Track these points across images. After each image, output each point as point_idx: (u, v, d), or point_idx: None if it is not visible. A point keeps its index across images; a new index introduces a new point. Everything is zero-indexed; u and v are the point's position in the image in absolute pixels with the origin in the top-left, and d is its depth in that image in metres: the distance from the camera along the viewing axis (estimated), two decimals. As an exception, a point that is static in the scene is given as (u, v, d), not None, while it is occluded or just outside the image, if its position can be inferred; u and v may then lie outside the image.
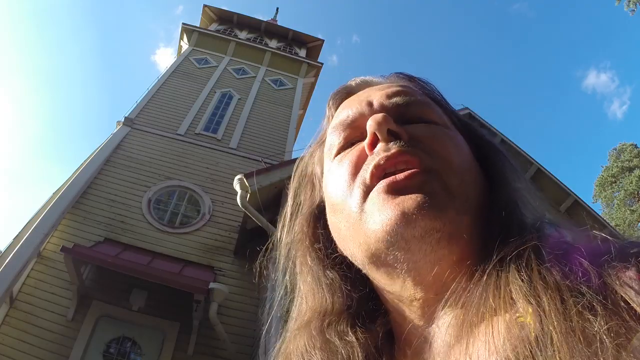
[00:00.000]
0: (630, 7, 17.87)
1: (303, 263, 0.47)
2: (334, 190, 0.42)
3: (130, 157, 8.25)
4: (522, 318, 0.29)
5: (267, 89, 11.77)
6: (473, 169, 0.40)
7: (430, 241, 0.34)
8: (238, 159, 9.00)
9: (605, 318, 0.26)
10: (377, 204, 0.36)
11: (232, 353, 5.98)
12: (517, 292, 0.31)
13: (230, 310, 6.30)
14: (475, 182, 0.39)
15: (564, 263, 0.31)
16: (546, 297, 0.29)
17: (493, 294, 0.32)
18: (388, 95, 0.44)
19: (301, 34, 14.87)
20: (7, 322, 5.67)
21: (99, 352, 5.84)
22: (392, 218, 0.35)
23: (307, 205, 0.50)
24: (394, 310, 0.41)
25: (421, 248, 0.35)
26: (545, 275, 0.30)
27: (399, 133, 0.39)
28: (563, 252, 0.32)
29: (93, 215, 7.12)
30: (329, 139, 0.47)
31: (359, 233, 0.38)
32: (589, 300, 0.27)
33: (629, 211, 23.57)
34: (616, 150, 26.62)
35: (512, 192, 0.41)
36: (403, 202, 0.35)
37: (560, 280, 0.29)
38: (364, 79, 0.51)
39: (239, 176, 5.22)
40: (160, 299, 6.09)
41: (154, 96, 10.01)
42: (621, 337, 0.25)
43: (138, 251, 6.68)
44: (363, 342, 0.40)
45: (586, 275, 0.29)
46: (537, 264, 0.31)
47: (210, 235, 7.42)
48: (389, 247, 0.36)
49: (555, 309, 0.28)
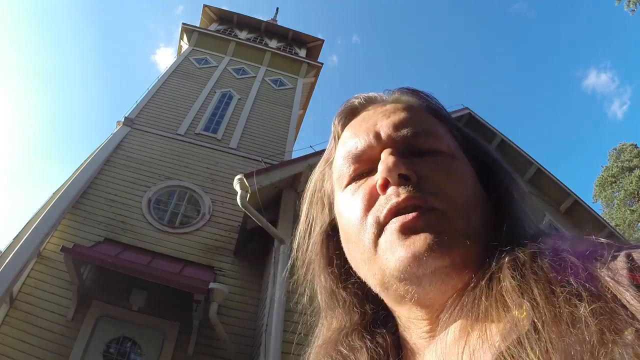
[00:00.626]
0: (630, 7, 17.87)
1: (319, 284, 0.51)
2: (348, 223, 0.44)
3: (130, 157, 8.25)
4: (516, 313, 0.32)
5: (267, 89, 11.77)
6: (479, 199, 0.42)
7: (441, 276, 0.38)
8: (238, 159, 9.00)
9: (590, 302, 0.29)
10: (390, 243, 0.39)
11: (232, 353, 5.98)
12: (508, 290, 0.33)
13: (230, 310, 6.30)
14: (482, 211, 0.42)
15: (555, 261, 0.33)
16: (537, 289, 0.31)
17: (486, 296, 0.34)
18: (395, 125, 0.46)
19: (301, 34, 14.87)
20: (7, 322, 5.67)
21: (99, 352, 5.84)
22: (404, 259, 0.38)
23: (319, 223, 0.52)
24: (402, 324, 0.44)
25: (432, 282, 0.38)
26: (537, 271, 0.33)
27: (409, 176, 0.41)
28: (555, 252, 0.34)
29: (93, 215, 7.12)
30: (338, 167, 0.48)
31: (373, 266, 0.41)
32: (575, 288, 0.30)
33: (629, 211, 23.58)
34: (616, 150, 26.63)
35: (518, 212, 0.43)
36: (414, 244, 0.38)
37: (552, 275, 0.32)
38: (368, 97, 0.52)
39: (239, 176, 5.22)
40: (160, 299, 6.09)
41: (154, 96, 10.00)
42: (604, 316, 0.28)
43: (138, 251, 6.68)
44: (370, 347, 0.44)
45: (574, 269, 0.31)
46: (530, 263, 0.34)
47: (210, 235, 7.42)
48: (402, 282, 0.39)
49: (546, 298, 0.30)
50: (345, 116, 0.52)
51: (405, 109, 0.48)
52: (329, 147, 0.55)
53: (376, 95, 0.53)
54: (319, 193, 0.54)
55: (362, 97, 0.52)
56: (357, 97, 0.53)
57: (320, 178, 0.54)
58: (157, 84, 10.46)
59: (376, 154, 0.44)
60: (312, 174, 0.57)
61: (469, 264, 0.38)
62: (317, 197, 0.54)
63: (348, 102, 0.53)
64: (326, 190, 0.52)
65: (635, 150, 25.67)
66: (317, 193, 0.54)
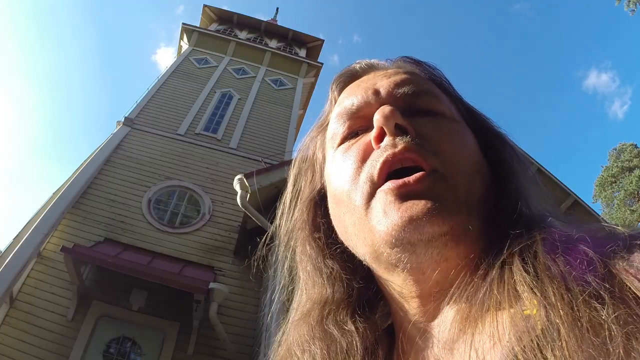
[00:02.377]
0: (630, 7, 17.88)
1: (303, 252, 0.46)
2: (338, 181, 0.41)
3: (130, 157, 8.25)
4: (527, 311, 0.29)
5: (267, 89, 11.77)
6: (480, 166, 0.39)
7: (438, 244, 0.34)
8: (238, 159, 9.00)
9: (613, 307, 0.26)
10: (385, 205, 0.36)
11: (232, 353, 5.98)
12: (522, 284, 0.30)
13: (230, 310, 6.30)
14: (482, 180, 0.39)
15: (570, 253, 0.30)
16: (552, 288, 0.28)
17: (497, 287, 0.31)
18: (396, 83, 0.43)
19: (301, 34, 14.87)
20: (7, 322, 5.67)
21: (99, 352, 5.84)
22: (399, 222, 0.35)
23: (308, 191, 0.48)
24: (394, 303, 0.41)
25: (427, 251, 0.35)
26: (550, 266, 0.30)
27: (407, 128, 0.38)
28: (569, 243, 0.31)
29: (93, 215, 7.12)
30: (332, 126, 0.45)
31: (364, 230, 0.38)
32: (595, 289, 0.27)
33: (629, 211, 23.58)
34: (616, 150, 26.63)
35: (519, 186, 0.40)
36: (411, 208, 0.35)
37: (566, 270, 0.29)
38: (370, 63, 0.49)
39: (239, 176, 5.23)
40: (160, 299, 6.09)
41: (154, 96, 10.01)
42: (630, 325, 0.25)
43: (138, 251, 6.68)
44: (362, 332, 0.40)
45: (592, 265, 0.28)
46: (543, 255, 0.31)
47: (210, 235, 7.42)
48: (394, 249, 0.35)
49: (561, 298, 0.27)
50: (345, 80, 0.49)
51: (408, 72, 0.45)
52: (323, 113, 0.51)
53: (379, 62, 0.49)
54: (308, 161, 0.50)
55: (364, 63, 0.49)
56: (359, 62, 0.50)
57: (312, 145, 0.51)
58: (157, 84, 10.46)
59: (373, 111, 0.40)
60: (301, 141, 0.53)
61: (467, 238, 0.35)
62: (306, 165, 0.51)
63: (349, 67, 0.50)
64: (317, 157, 0.49)
65: (635, 150, 25.68)
66: (306, 161, 0.51)
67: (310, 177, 0.49)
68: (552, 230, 0.33)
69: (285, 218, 0.50)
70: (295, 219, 0.48)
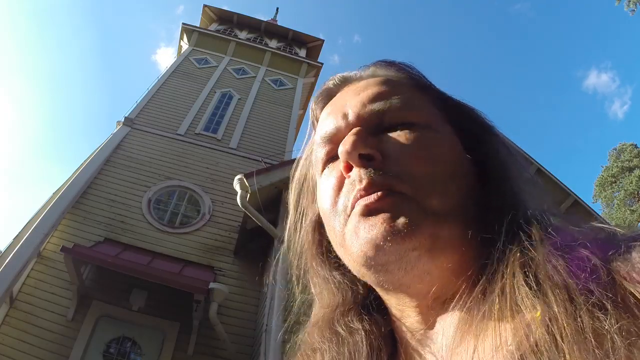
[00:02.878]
0: (630, 7, 17.88)
1: (311, 267, 0.49)
2: (323, 208, 0.43)
3: (130, 157, 8.25)
4: (530, 319, 0.29)
5: (267, 89, 11.77)
6: (457, 170, 0.39)
7: (409, 260, 0.35)
8: (238, 159, 9.00)
9: (616, 316, 0.25)
10: (353, 229, 0.38)
11: (232, 353, 5.98)
12: (525, 295, 0.30)
13: (230, 310, 6.30)
14: (462, 183, 0.39)
15: (571, 260, 0.30)
16: (554, 297, 0.28)
17: (499, 297, 0.31)
18: (363, 102, 0.43)
19: (301, 34, 14.87)
20: (7, 322, 5.67)
21: (99, 352, 5.84)
22: (364, 247, 0.36)
23: (310, 213, 0.50)
24: (393, 313, 0.42)
25: (400, 267, 0.35)
26: (552, 275, 0.29)
27: (372, 155, 0.39)
28: (569, 249, 0.31)
29: (93, 215, 7.12)
30: (314, 153, 0.47)
31: (346, 253, 0.40)
32: (598, 298, 0.26)
33: (629, 211, 23.58)
34: (616, 150, 26.63)
35: (511, 182, 0.40)
36: (372, 229, 0.36)
37: (568, 279, 0.28)
38: (343, 77, 0.50)
39: (239, 176, 5.23)
40: (160, 299, 6.09)
41: (154, 96, 10.01)
42: (633, 335, 0.25)
43: (138, 251, 6.68)
44: (368, 330, 0.41)
45: (594, 272, 0.28)
46: (544, 262, 0.31)
47: (210, 235, 7.42)
48: (370, 270, 0.37)
49: (564, 308, 0.27)
50: (323, 99, 0.50)
51: (378, 84, 0.45)
52: (310, 132, 0.53)
53: (352, 74, 0.49)
54: (307, 182, 0.52)
55: (337, 78, 0.50)
56: (332, 78, 0.50)
57: (307, 164, 0.52)
58: (157, 84, 10.46)
59: (345, 136, 0.41)
60: (297, 161, 0.55)
61: (448, 248, 0.35)
62: (305, 186, 0.52)
63: (324, 85, 0.51)
64: (313, 179, 0.50)
65: (635, 150, 25.67)
66: (305, 182, 0.52)
67: (311, 199, 0.51)
68: (551, 233, 0.33)
69: (293, 239, 0.52)
70: (302, 241, 0.50)
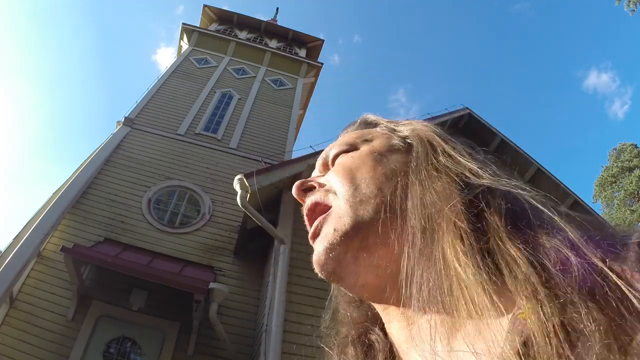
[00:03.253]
0: (630, 7, 17.88)
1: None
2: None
3: (130, 157, 8.25)
4: (522, 315, 0.29)
5: (267, 89, 11.77)
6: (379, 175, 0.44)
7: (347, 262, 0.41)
8: (238, 159, 9.00)
9: (596, 311, 0.26)
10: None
11: (232, 353, 5.98)
12: (513, 286, 0.31)
13: (230, 310, 6.29)
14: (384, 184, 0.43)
15: (557, 256, 0.30)
16: (540, 294, 0.29)
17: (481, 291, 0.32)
18: (326, 153, 0.54)
19: (301, 34, 14.86)
20: (7, 322, 5.67)
21: (99, 352, 5.83)
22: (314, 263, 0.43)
23: None
24: (384, 319, 0.44)
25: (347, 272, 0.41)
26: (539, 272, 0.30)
27: (312, 186, 0.48)
28: (555, 245, 0.31)
29: (93, 215, 7.12)
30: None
31: None
32: (579, 293, 0.27)
33: (629, 211, 23.58)
34: (616, 150, 26.63)
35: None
36: (315, 251, 0.43)
37: (556, 275, 0.29)
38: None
39: (239, 176, 5.22)
40: (160, 299, 6.09)
41: (154, 96, 10.00)
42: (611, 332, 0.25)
43: (138, 251, 6.68)
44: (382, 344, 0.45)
45: (582, 269, 0.29)
46: (527, 257, 0.31)
47: (210, 235, 7.42)
48: (334, 283, 0.45)
49: (551, 304, 0.28)
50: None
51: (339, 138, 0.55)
52: None
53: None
54: None
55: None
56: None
57: None
58: (157, 84, 10.46)
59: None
60: None
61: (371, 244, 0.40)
62: None
63: None
64: None
65: (635, 150, 25.68)
66: None
67: None
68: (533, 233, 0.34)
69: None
70: None
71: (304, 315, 4.77)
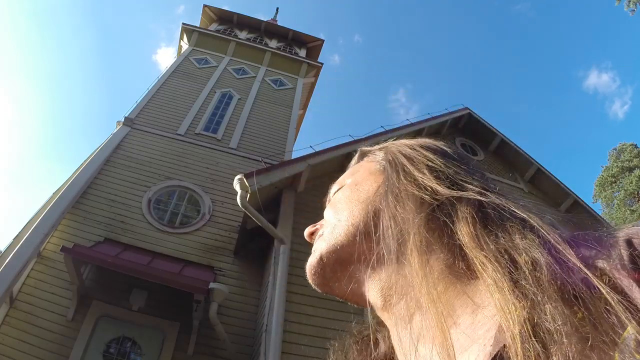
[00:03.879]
0: (630, 7, 17.89)
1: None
2: None
3: (130, 157, 8.25)
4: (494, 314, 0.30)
5: (267, 89, 11.77)
6: (353, 202, 0.49)
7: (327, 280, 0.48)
8: (238, 159, 9.00)
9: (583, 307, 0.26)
10: None
11: (232, 353, 5.98)
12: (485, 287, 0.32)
13: (230, 310, 6.30)
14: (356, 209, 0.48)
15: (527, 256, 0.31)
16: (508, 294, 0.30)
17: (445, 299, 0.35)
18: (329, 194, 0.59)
19: (301, 34, 14.87)
20: (7, 322, 5.66)
21: (99, 352, 5.83)
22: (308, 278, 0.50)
23: None
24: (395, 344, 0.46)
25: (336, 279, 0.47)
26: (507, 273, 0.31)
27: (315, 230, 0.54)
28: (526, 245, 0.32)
29: (93, 215, 7.12)
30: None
31: None
32: (554, 294, 0.28)
33: (629, 211, 23.58)
34: (616, 150, 26.65)
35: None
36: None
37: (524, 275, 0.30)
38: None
39: (239, 176, 5.22)
40: (160, 299, 6.09)
41: (154, 96, 10.00)
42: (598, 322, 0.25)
43: (138, 251, 6.68)
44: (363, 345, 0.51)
45: (553, 268, 0.29)
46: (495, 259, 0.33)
47: (210, 235, 7.42)
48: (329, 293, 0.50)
49: (521, 303, 0.28)
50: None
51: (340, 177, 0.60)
52: None
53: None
54: None
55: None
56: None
57: None
58: (157, 84, 10.46)
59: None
60: None
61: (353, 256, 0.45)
62: None
63: None
64: None
65: (635, 150, 25.68)
66: None
67: None
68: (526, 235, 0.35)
69: None
70: None
71: (304, 315, 4.77)
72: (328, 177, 4.88)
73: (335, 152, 6.15)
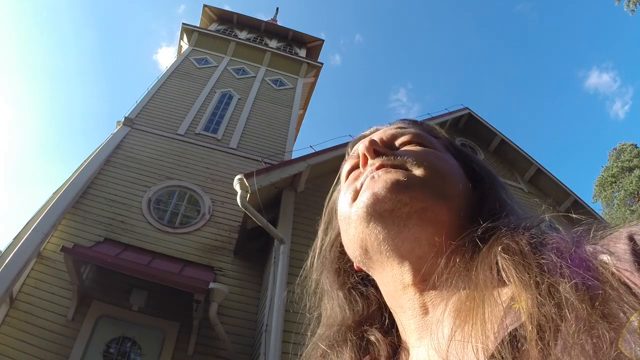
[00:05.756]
0: (630, 7, 17.88)
1: (325, 284, 0.55)
2: (339, 202, 0.50)
3: (130, 157, 8.24)
4: (516, 305, 0.31)
5: (267, 89, 11.77)
6: (457, 175, 0.46)
7: (401, 214, 0.41)
8: (238, 159, 9.00)
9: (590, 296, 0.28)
10: (362, 192, 0.45)
11: (232, 353, 5.98)
12: (511, 276, 0.33)
13: (230, 310, 6.30)
14: (457, 181, 0.45)
15: (553, 249, 0.33)
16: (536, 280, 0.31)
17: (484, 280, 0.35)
18: (385, 130, 0.54)
19: (301, 33, 14.86)
20: (7, 322, 5.66)
21: (99, 352, 5.83)
22: (365, 199, 0.43)
23: (333, 234, 0.56)
24: (394, 306, 0.44)
25: (394, 222, 0.41)
26: (537, 261, 0.32)
27: (384, 151, 0.47)
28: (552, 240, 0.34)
29: (93, 215, 7.12)
30: (342, 170, 0.55)
31: (351, 225, 0.45)
32: (575, 279, 0.29)
33: (629, 211, 23.58)
34: (616, 150, 26.65)
35: (500, 198, 0.46)
36: (374, 186, 0.43)
37: (550, 265, 0.31)
38: (376, 127, 0.59)
39: (239, 176, 5.23)
40: (160, 299, 6.09)
41: (154, 96, 10.00)
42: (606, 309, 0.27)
43: (138, 251, 6.68)
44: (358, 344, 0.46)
45: (573, 258, 0.31)
46: (527, 252, 0.34)
47: (210, 235, 7.42)
48: (369, 224, 0.42)
49: (542, 292, 0.30)
50: (356, 141, 0.58)
51: (397, 126, 0.55)
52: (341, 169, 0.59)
53: (382, 126, 0.59)
54: (334, 210, 0.57)
55: (373, 128, 0.59)
56: (369, 129, 0.60)
57: (335, 196, 0.58)
58: (157, 84, 10.46)
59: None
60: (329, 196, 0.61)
61: (437, 224, 0.41)
62: (332, 213, 0.57)
63: (361, 133, 0.61)
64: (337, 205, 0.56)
65: (635, 150, 25.68)
66: (333, 210, 0.57)
67: (334, 224, 0.56)
68: (533, 229, 0.37)
69: (316, 261, 0.58)
70: (322, 257, 0.56)
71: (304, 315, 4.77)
72: (328, 177, 4.87)
73: (335, 152, 6.15)
